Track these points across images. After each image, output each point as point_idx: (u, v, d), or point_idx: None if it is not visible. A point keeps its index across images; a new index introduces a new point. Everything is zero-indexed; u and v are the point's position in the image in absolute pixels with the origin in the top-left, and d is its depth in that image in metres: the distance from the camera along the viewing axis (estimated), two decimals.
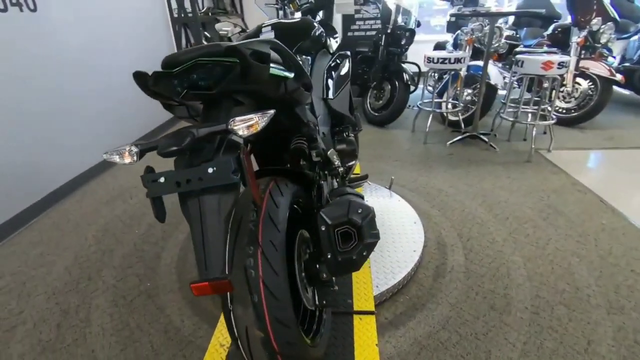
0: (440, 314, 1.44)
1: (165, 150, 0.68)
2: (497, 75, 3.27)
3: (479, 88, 3.03)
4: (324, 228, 0.94)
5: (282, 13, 2.16)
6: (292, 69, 0.95)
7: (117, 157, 0.72)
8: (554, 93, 2.83)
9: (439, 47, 4.67)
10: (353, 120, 1.75)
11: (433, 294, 1.54)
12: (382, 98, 3.75)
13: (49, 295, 1.64)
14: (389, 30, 3.58)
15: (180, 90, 0.77)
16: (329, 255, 0.94)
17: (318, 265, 1.08)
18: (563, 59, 2.50)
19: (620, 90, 4.29)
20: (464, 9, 2.75)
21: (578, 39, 3.27)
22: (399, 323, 1.41)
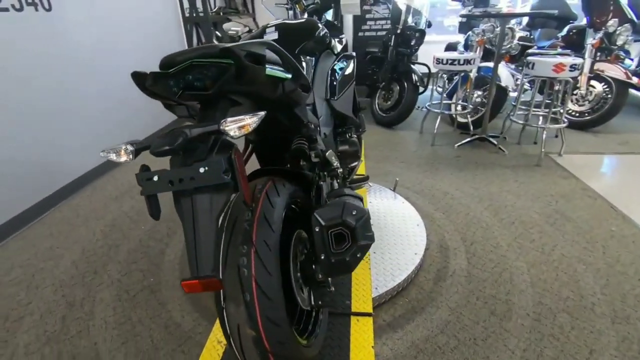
0: (439, 318, 1.43)
1: (158, 150, 0.69)
2: (508, 77, 3.21)
3: (489, 90, 2.98)
4: (318, 229, 0.94)
5: (292, 13, 2.17)
6: (289, 70, 0.95)
7: (113, 155, 0.74)
8: (566, 96, 2.77)
9: (451, 47, 4.62)
10: (356, 121, 1.74)
11: (433, 298, 1.53)
12: (390, 99, 3.73)
13: (56, 288, 1.68)
14: (399, 31, 3.56)
15: (177, 91, 0.78)
16: (323, 257, 0.95)
17: (314, 266, 1.08)
18: (575, 61, 2.45)
19: (637, 94, 4.17)
20: (475, 10, 2.71)
21: (593, 41, 3.19)
22: (397, 326, 1.41)
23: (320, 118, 1.46)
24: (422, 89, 3.58)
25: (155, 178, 0.72)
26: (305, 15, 1.90)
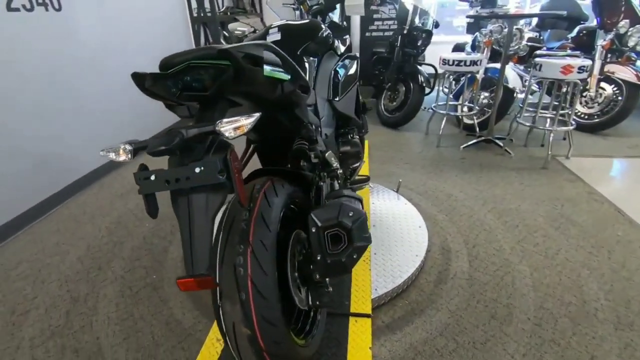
0: (439, 321, 1.43)
1: (154, 150, 0.70)
2: (515, 79, 3.18)
3: (495, 91, 2.96)
4: (314, 230, 0.95)
5: (298, 13, 2.18)
6: (288, 72, 0.96)
7: (112, 154, 0.76)
8: (575, 98, 2.73)
9: (458, 48, 4.58)
10: (359, 122, 1.75)
11: (433, 300, 1.53)
12: (396, 99, 3.72)
13: (61, 283, 1.71)
14: (405, 31, 3.54)
15: (175, 91, 0.79)
16: (319, 257, 0.95)
17: (312, 266, 1.08)
18: (584, 63, 2.41)
19: None
20: (482, 11, 2.69)
21: (603, 42, 3.14)
22: (396, 327, 1.40)
23: (322, 119, 1.46)
24: (428, 90, 3.56)
25: (153, 177, 0.73)
26: (309, 16, 1.91)
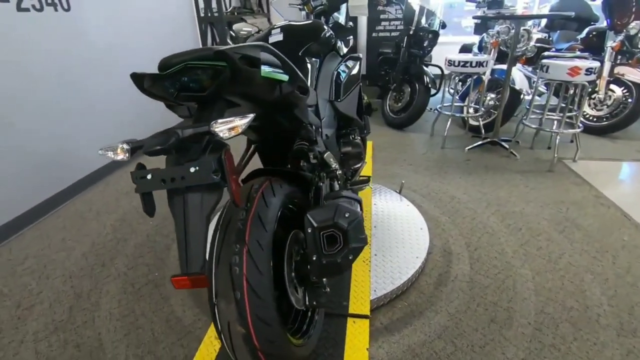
0: (438, 323, 1.42)
1: (150, 149, 0.72)
2: (522, 80, 3.15)
3: (501, 93, 2.93)
4: (310, 230, 0.95)
5: (304, 14, 2.18)
6: (286, 72, 0.96)
7: (111, 153, 0.77)
8: (582, 100, 2.69)
9: (466, 49, 4.54)
10: (360, 123, 1.74)
11: (432, 302, 1.52)
12: (401, 100, 3.71)
13: (66, 279, 1.74)
14: (411, 32, 3.53)
15: (173, 92, 0.81)
16: (314, 258, 0.95)
17: (309, 266, 1.09)
18: (592, 65, 2.38)
19: None
20: (488, 12, 2.66)
21: (613, 44, 3.09)
22: (394, 329, 1.40)
23: (323, 119, 1.46)
24: (433, 91, 3.54)
25: (149, 176, 0.74)
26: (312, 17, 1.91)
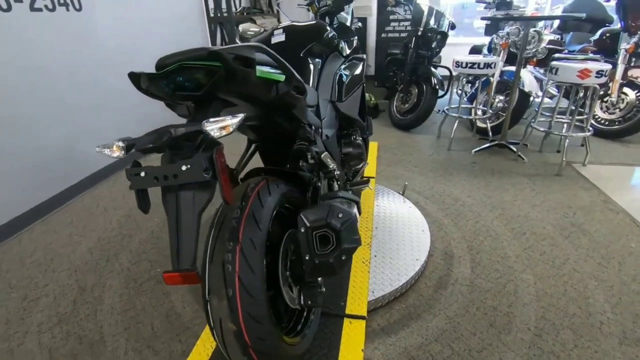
0: (436, 326, 1.41)
1: (143, 147, 0.73)
2: (532, 82, 3.09)
3: (510, 95, 2.89)
4: (303, 230, 0.95)
5: (311, 14, 2.19)
6: (281, 73, 0.97)
7: (107, 150, 0.79)
8: (593, 103, 2.63)
9: (476, 50, 4.49)
10: (362, 124, 1.74)
11: (431, 305, 1.51)
12: (408, 101, 3.68)
13: (71, 273, 1.78)
14: (420, 33, 3.50)
15: (168, 91, 0.82)
16: (307, 257, 0.96)
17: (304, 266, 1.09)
18: (602, 67, 2.33)
19: None
20: (497, 13, 2.63)
21: (627, 46, 3.02)
22: (391, 331, 1.40)
23: (324, 120, 1.47)
24: (441, 93, 3.50)
25: (143, 174, 0.76)
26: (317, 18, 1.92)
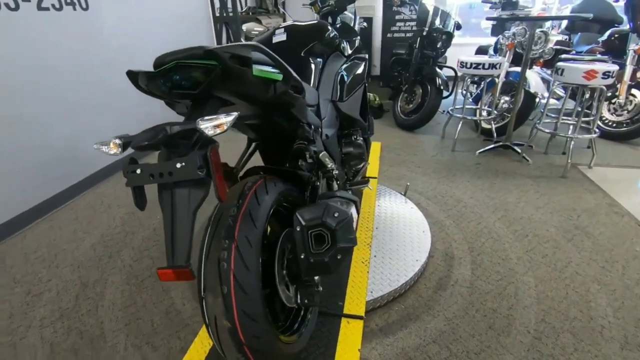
0: (434, 328, 1.40)
1: (138, 145, 0.74)
2: (537, 83, 3.07)
3: (515, 96, 2.86)
4: (299, 228, 0.96)
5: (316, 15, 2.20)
6: (279, 72, 0.97)
7: (105, 147, 0.80)
8: (599, 105, 2.60)
9: (482, 51, 4.46)
10: (363, 124, 1.74)
11: (430, 306, 1.50)
12: (413, 102, 3.67)
13: (74, 268, 1.81)
14: (425, 33, 3.49)
15: (165, 89, 0.83)
16: (302, 256, 0.96)
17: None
18: (609, 68, 2.30)
19: None
20: (502, 13, 2.61)
21: (636, 47, 2.98)
22: (389, 331, 1.39)
23: (324, 119, 1.47)
24: (446, 93, 3.49)
25: (138, 171, 0.77)
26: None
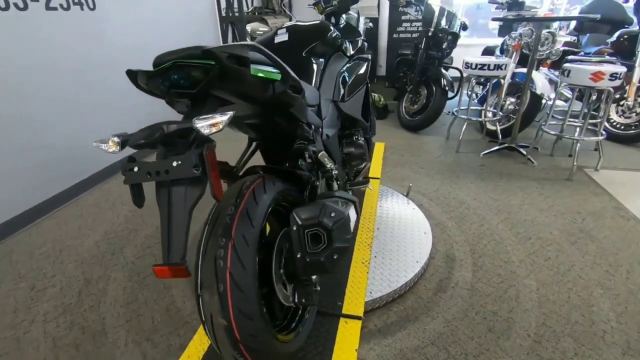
0: (433, 329, 1.40)
1: (135, 143, 0.75)
2: (544, 85, 3.03)
3: (521, 97, 2.84)
4: (295, 228, 0.96)
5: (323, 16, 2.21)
6: (278, 72, 0.98)
7: (104, 145, 0.81)
8: (607, 107, 2.57)
9: (488, 51, 4.43)
10: (365, 124, 1.74)
11: (429, 308, 1.50)
12: (417, 102, 3.65)
13: (78, 265, 1.83)
14: (430, 33, 3.47)
15: (164, 89, 0.84)
16: (299, 255, 0.96)
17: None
18: (617, 70, 2.26)
19: None
20: (508, 13, 2.59)
21: None
22: (387, 332, 1.39)
23: (325, 119, 1.47)
24: (451, 94, 3.46)
25: (136, 169, 0.78)
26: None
